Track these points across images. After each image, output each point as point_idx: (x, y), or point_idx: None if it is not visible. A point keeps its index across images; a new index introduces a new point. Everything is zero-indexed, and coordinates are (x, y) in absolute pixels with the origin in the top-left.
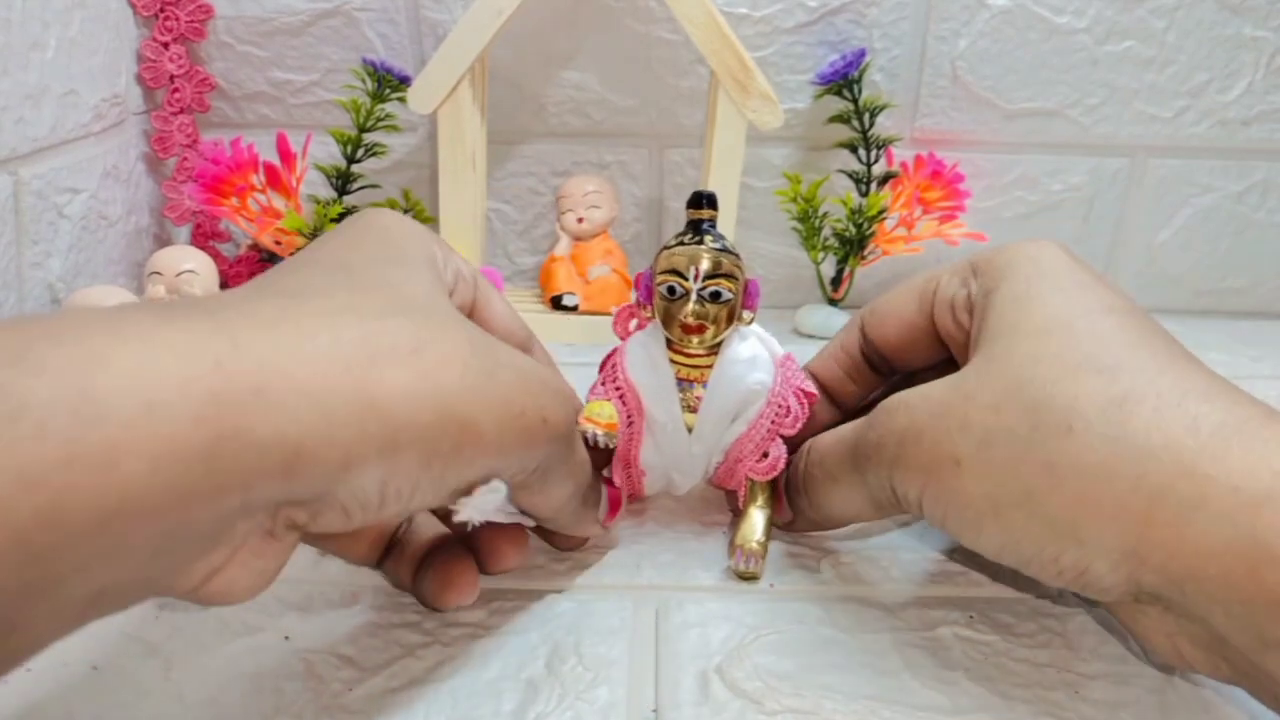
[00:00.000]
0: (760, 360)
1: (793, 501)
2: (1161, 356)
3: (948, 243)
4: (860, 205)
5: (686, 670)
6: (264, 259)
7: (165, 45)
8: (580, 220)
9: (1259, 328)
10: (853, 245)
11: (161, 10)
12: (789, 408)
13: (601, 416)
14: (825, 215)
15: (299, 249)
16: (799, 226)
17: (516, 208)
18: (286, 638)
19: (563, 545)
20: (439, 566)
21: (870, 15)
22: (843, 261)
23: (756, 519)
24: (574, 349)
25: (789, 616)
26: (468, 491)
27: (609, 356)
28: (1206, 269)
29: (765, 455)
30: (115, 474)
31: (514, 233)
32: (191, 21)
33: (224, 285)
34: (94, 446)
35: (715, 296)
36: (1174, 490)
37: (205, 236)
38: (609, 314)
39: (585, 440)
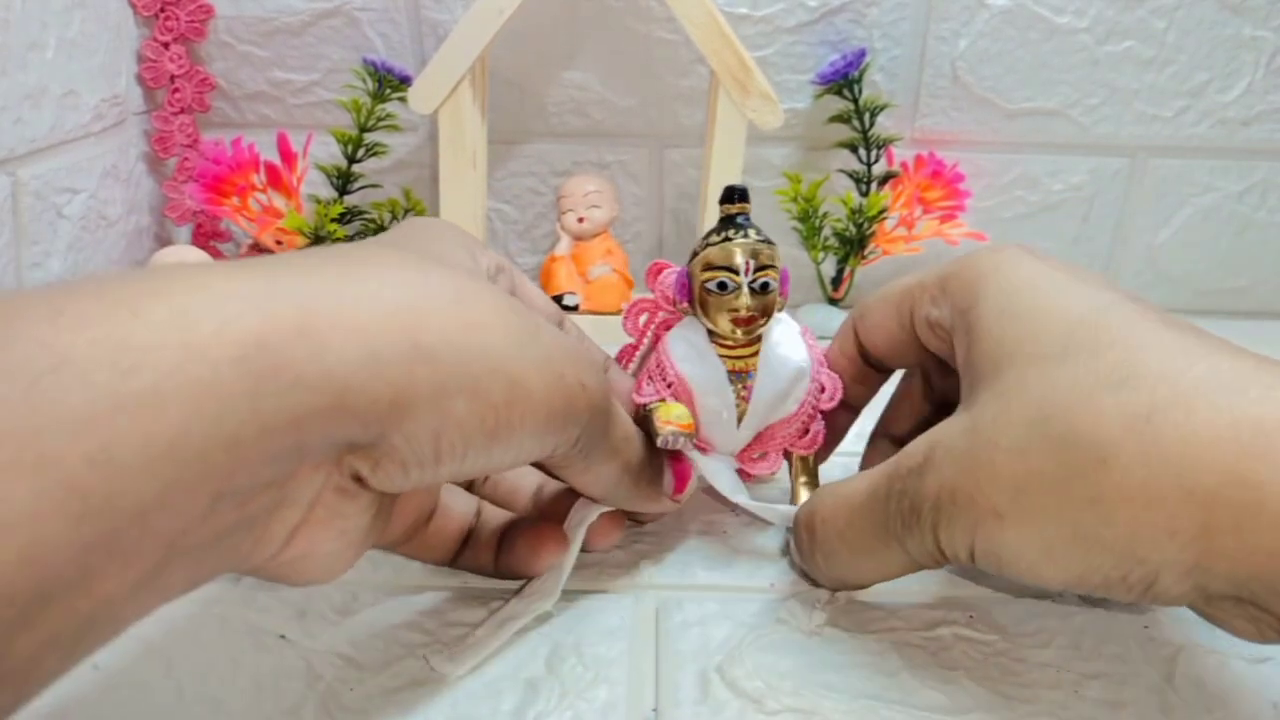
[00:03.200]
0: (798, 341)
1: (804, 563)
2: (1170, 345)
3: (948, 242)
4: (860, 205)
5: (686, 669)
6: None
7: (165, 45)
8: (581, 220)
9: (1259, 328)
10: (853, 245)
11: (162, 10)
12: (824, 384)
13: (681, 419)
14: (825, 215)
15: (300, 249)
16: (799, 226)
17: (517, 208)
18: (285, 637)
19: (643, 519)
20: (527, 533)
21: (870, 15)
22: (843, 261)
23: (805, 495)
24: None
25: (789, 615)
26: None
27: (627, 349)
28: (1206, 269)
29: (806, 431)
30: (160, 418)
31: (514, 233)
32: (192, 21)
33: None
34: (136, 393)
35: (765, 288)
36: (1226, 499)
37: (206, 236)
38: (609, 313)
39: (665, 443)
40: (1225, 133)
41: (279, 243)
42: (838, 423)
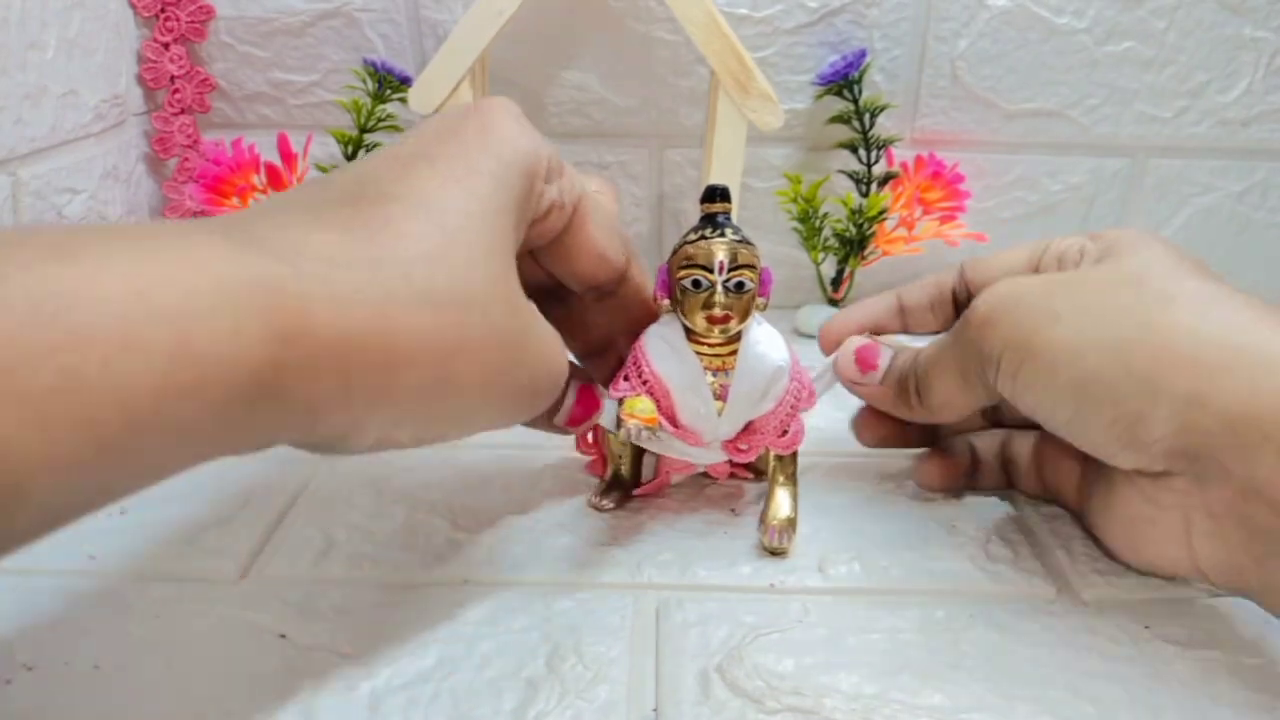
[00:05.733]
0: (778, 342)
1: (894, 404)
2: (1196, 288)
3: (948, 243)
4: (860, 206)
5: (687, 669)
6: None
7: (166, 46)
8: None
9: None
10: (853, 245)
11: (162, 11)
12: (806, 386)
13: (643, 412)
14: (825, 215)
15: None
16: (799, 227)
17: None
18: (285, 636)
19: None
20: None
21: (870, 16)
22: (843, 262)
23: (782, 496)
24: None
25: (789, 616)
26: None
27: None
28: None
29: (785, 432)
30: (195, 401)
31: None
32: (192, 22)
33: None
34: (182, 377)
35: (739, 287)
36: (1248, 352)
37: None
38: None
39: (627, 436)
40: (1225, 133)
41: None
42: (888, 325)
